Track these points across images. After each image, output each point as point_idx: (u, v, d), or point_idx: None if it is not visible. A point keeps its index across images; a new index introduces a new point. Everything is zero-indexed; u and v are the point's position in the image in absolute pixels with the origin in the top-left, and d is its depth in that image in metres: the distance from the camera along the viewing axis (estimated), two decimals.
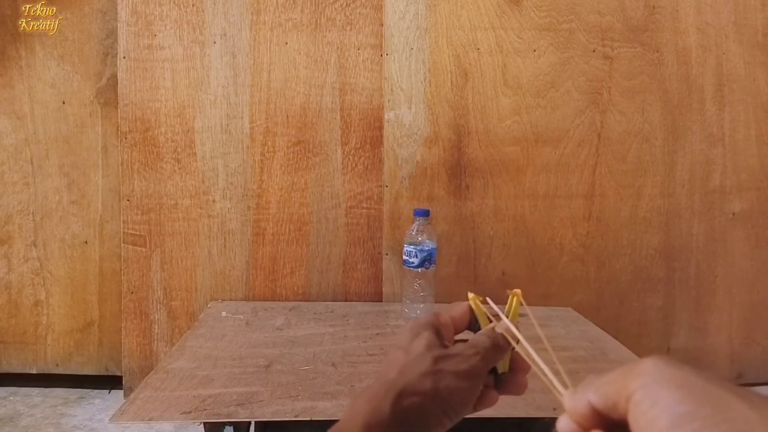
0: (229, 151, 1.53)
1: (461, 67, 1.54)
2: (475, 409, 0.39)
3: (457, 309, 0.42)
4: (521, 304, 0.42)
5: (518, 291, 0.42)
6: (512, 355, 0.40)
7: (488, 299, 0.43)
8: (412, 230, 1.34)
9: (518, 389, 0.40)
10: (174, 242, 1.54)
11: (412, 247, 1.32)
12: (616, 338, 1.28)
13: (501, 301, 0.43)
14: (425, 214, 1.34)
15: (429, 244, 1.32)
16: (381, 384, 0.35)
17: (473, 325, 0.42)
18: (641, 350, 1.46)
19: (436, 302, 1.41)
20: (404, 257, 1.34)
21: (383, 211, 1.55)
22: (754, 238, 1.64)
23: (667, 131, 1.60)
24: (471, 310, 0.42)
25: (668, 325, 1.62)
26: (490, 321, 0.41)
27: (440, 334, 0.39)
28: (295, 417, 0.86)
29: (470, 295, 0.42)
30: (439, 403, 0.35)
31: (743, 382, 1.65)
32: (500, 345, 0.39)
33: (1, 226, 1.58)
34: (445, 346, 0.39)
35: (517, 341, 0.39)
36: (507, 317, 0.41)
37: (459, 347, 0.38)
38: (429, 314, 0.41)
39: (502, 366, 0.40)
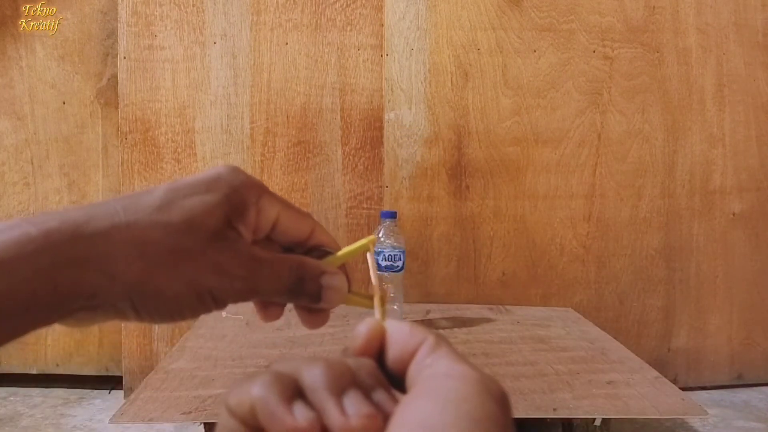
0: (229, 152, 1.53)
1: (461, 68, 1.54)
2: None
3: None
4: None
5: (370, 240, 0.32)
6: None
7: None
8: (379, 234, 1.26)
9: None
10: None
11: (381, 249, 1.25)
12: (616, 338, 1.28)
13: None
14: (392, 216, 1.28)
15: (396, 249, 1.26)
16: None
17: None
18: (641, 350, 1.46)
19: (433, 302, 1.41)
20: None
21: None
22: (754, 238, 1.64)
23: (667, 131, 1.60)
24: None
25: (668, 325, 1.62)
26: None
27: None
28: None
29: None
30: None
31: (744, 383, 1.65)
32: (304, 284, 0.30)
33: None
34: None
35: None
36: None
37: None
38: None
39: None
